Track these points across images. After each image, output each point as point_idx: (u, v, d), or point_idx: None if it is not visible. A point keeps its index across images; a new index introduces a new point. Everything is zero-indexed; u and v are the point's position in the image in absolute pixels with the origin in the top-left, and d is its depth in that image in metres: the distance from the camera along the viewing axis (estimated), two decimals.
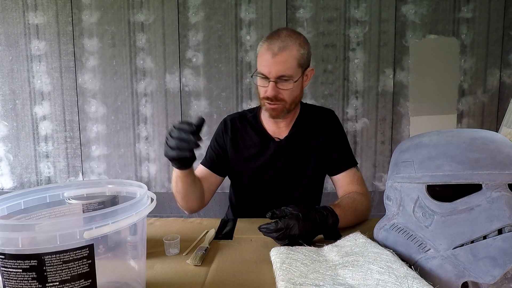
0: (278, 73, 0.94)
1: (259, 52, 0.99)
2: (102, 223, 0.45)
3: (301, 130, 1.09)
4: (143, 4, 2.25)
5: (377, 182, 2.32)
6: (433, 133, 0.64)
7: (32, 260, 0.42)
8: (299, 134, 1.08)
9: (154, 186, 2.37)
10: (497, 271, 0.47)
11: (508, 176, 0.53)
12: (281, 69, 0.94)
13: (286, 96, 0.98)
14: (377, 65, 2.25)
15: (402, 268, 0.54)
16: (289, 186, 1.09)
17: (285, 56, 0.94)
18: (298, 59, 0.96)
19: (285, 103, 1.00)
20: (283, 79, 0.96)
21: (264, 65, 0.96)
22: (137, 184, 0.62)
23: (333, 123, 1.12)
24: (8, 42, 2.29)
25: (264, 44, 0.97)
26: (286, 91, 0.98)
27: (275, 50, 0.94)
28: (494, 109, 2.27)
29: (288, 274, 0.57)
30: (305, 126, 1.09)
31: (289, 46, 0.95)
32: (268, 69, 0.95)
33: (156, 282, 0.63)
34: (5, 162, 2.40)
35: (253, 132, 1.11)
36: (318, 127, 1.09)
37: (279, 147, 1.08)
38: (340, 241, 0.70)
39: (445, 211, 0.55)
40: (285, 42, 0.95)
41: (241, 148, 1.10)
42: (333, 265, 0.60)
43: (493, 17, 2.20)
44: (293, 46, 0.95)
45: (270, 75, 0.95)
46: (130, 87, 2.31)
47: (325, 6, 2.22)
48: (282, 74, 0.95)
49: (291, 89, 0.98)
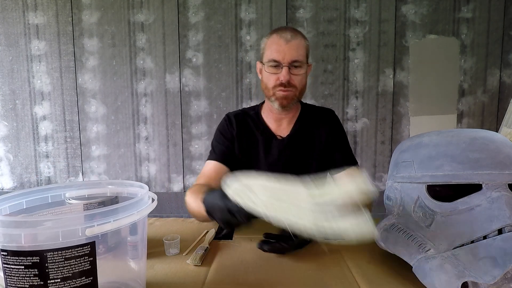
0: (292, 57, 0.98)
1: (266, 44, 1.03)
2: (104, 220, 0.46)
3: (303, 128, 1.10)
4: (143, 4, 2.25)
5: (377, 182, 2.32)
6: (433, 133, 0.64)
7: (34, 257, 0.43)
8: (301, 132, 1.09)
9: (154, 186, 2.37)
10: (497, 271, 0.47)
11: (508, 176, 0.53)
12: (294, 54, 0.98)
13: (297, 82, 1.01)
14: (377, 65, 2.25)
15: None
16: None
17: (297, 42, 0.99)
18: (306, 49, 1.03)
19: (296, 90, 1.02)
20: (295, 64, 0.99)
21: (277, 51, 0.99)
22: (138, 185, 0.63)
23: (334, 122, 1.13)
24: (8, 42, 2.29)
25: (272, 36, 1.02)
26: (298, 77, 1.01)
27: (288, 37, 0.99)
28: (494, 109, 2.27)
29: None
30: (306, 124, 1.10)
31: (298, 36, 1.01)
32: (283, 54, 0.98)
33: (156, 282, 0.63)
34: (5, 162, 2.40)
35: (255, 130, 1.11)
36: (319, 125, 1.10)
37: (281, 145, 1.08)
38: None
39: (445, 211, 0.56)
40: (293, 32, 1.01)
41: (244, 144, 1.10)
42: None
43: (493, 17, 2.20)
44: (301, 37, 1.02)
45: (284, 60, 0.98)
46: (130, 87, 2.31)
47: (325, 6, 2.22)
48: (296, 58, 0.98)
49: (302, 74, 1.02)
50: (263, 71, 1.04)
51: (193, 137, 2.33)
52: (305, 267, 0.69)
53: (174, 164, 2.35)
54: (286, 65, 0.98)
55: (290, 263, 0.71)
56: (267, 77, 1.03)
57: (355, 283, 0.62)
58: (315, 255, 0.75)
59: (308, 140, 1.09)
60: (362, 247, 0.78)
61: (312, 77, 2.25)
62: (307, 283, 0.63)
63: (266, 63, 1.01)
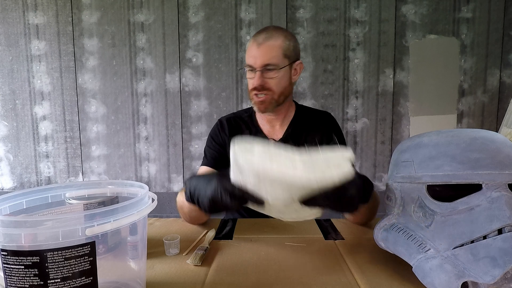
0: (263, 61, 0.96)
1: (247, 49, 1.02)
2: (104, 220, 0.46)
3: (296, 131, 1.08)
4: (143, 4, 2.25)
5: (377, 182, 2.33)
6: (433, 133, 0.64)
7: (34, 257, 0.43)
8: (294, 135, 1.08)
9: (154, 186, 2.37)
10: (497, 271, 0.47)
11: (508, 176, 0.53)
12: (266, 58, 0.96)
13: (273, 85, 0.99)
14: (377, 65, 2.25)
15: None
16: None
17: (270, 45, 0.96)
18: (284, 49, 0.98)
19: (273, 93, 1.00)
20: (269, 68, 0.97)
21: (250, 56, 0.98)
22: (138, 185, 0.63)
23: (330, 125, 1.11)
24: (8, 42, 2.29)
25: (251, 40, 1.01)
26: (273, 80, 0.99)
27: (260, 40, 0.97)
28: (494, 109, 2.27)
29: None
30: (300, 128, 1.09)
31: (273, 37, 0.97)
32: (254, 59, 0.97)
33: (156, 282, 0.63)
34: (5, 162, 2.40)
35: (248, 132, 1.10)
36: (314, 128, 1.09)
37: None
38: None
39: (445, 211, 0.56)
40: (270, 33, 0.98)
41: None
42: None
43: (493, 17, 2.20)
44: (278, 36, 0.98)
45: (256, 64, 0.97)
46: (130, 87, 2.31)
47: (325, 6, 2.22)
48: (267, 62, 0.97)
49: (278, 77, 0.99)
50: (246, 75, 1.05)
51: (193, 137, 2.33)
52: (305, 267, 0.69)
53: (174, 164, 2.35)
54: (259, 70, 0.97)
55: (290, 263, 0.71)
56: (248, 82, 1.04)
57: (355, 283, 0.62)
58: (315, 255, 0.75)
59: (301, 143, 1.07)
60: (362, 247, 0.78)
61: (312, 77, 2.26)
62: (306, 283, 0.63)
63: (244, 67, 1.03)
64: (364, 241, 0.81)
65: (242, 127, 1.11)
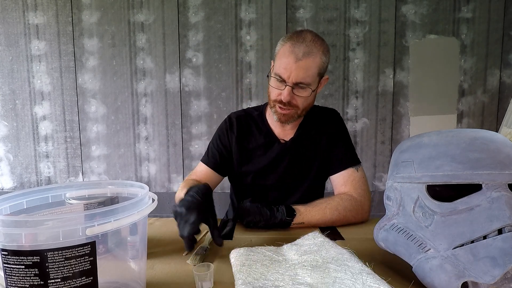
0: (297, 79, 0.91)
1: (279, 52, 0.94)
2: (104, 220, 0.46)
3: (306, 132, 1.08)
4: (143, 4, 2.25)
5: (377, 182, 2.33)
6: (433, 133, 0.64)
7: (34, 257, 0.43)
8: (304, 136, 1.07)
9: (154, 186, 2.37)
10: (497, 271, 0.47)
11: (508, 176, 0.53)
12: (301, 76, 0.90)
13: (300, 103, 0.96)
14: (377, 65, 2.25)
15: (357, 264, 0.58)
16: (291, 188, 1.08)
17: (309, 62, 0.90)
18: (319, 68, 0.93)
19: (297, 109, 0.97)
20: (301, 85, 0.92)
21: (284, 68, 0.91)
22: (138, 185, 0.63)
23: (335, 123, 1.11)
24: (8, 42, 2.29)
25: (286, 45, 0.92)
26: (301, 98, 0.95)
27: (299, 55, 0.89)
28: (494, 109, 2.27)
29: (248, 276, 0.58)
30: (310, 128, 1.08)
31: (313, 53, 0.90)
32: (288, 73, 0.90)
33: (156, 282, 0.63)
34: (5, 162, 2.40)
35: (258, 132, 1.09)
36: (321, 128, 1.08)
37: (283, 149, 1.07)
38: (299, 240, 0.73)
39: (445, 211, 0.56)
40: (310, 47, 0.90)
41: (245, 147, 1.09)
42: (292, 265, 0.62)
43: (493, 17, 2.20)
44: (317, 53, 0.91)
45: (289, 79, 0.91)
46: (130, 87, 2.31)
47: (325, 6, 2.22)
48: (301, 81, 0.91)
49: (307, 96, 0.95)
50: (270, 79, 0.98)
51: (193, 137, 2.33)
52: None
53: (174, 164, 2.35)
54: (290, 85, 0.91)
55: None
56: (271, 88, 0.98)
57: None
58: None
59: (310, 144, 1.07)
60: (362, 247, 0.78)
61: None
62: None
63: (273, 74, 0.95)
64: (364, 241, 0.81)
65: (252, 127, 1.10)
